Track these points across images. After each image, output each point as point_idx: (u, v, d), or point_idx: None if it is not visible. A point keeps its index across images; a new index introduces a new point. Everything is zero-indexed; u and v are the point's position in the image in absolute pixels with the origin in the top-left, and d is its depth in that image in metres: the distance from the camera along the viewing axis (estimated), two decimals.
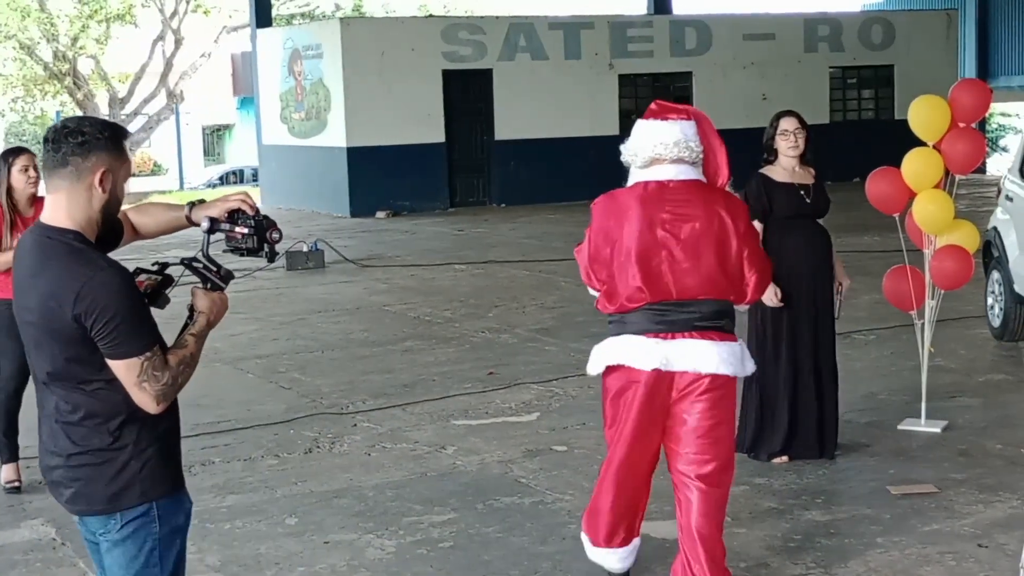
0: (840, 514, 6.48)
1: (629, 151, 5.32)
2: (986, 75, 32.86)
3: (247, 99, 36.78)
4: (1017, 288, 10.33)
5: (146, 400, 3.37)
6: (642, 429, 5.21)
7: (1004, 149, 36.66)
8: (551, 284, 14.81)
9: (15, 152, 7.47)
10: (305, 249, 16.97)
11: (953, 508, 6.53)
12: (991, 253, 10.87)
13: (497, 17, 26.67)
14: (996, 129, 36.49)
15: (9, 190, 7.11)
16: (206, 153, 49.79)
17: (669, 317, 5.14)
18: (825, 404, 7.42)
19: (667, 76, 26.62)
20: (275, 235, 3.56)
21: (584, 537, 5.56)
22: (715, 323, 5.20)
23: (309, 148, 25.50)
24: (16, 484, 7.29)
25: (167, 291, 3.49)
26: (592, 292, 5.41)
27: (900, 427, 8.05)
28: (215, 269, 3.50)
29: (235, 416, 8.91)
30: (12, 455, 7.37)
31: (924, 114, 8.00)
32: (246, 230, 3.53)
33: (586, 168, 25.01)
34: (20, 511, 6.90)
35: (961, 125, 7.99)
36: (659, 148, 5.19)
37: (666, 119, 5.28)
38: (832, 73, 28.17)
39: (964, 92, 8.10)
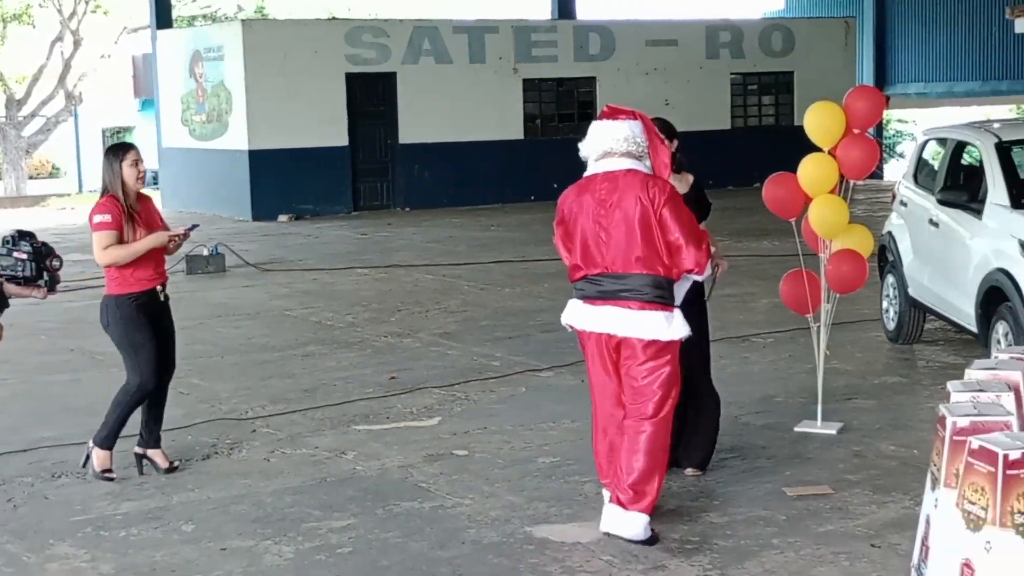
0: (737, 516, 6.50)
1: (585, 148, 6.30)
2: (883, 82, 33.41)
3: (147, 101, 36.33)
4: (911, 292, 10.50)
5: None
6: (598, 378, 6.35)
7: (900, 155, 37.31)
8: (455, 288, 14.81)
9: (124, 147, 7.53)
10: (206, 253, 16.78)
11: (847, 509, 6.58)
12: (886, 257, 11.02)
13: (401, 20, 26.58)
14: (893, 135, 37.08)
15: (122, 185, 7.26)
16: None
17: (602, 287, 6.19)
18: (703, 412, 7.29)
19: (571, 81, 26.75)
20: (55, 263, 3.42)
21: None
22: (638, 294, 6.12)
23: (210, 151, 25.28)
24: (111, 475, 7.47)
25: None
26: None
27: (796, 429, 8.10)
28: None
29: (130, 421, 8.77)
30: (112, 443, 7.56)
31: (819, 120, 8.09)
32: (22, 256, 3.35)
33: (491, 172, 25.15)
34: None
35: (856, 131, 8.11)
36: (611, 143, 6.19)
37: (616, 119, 6.25)
38: (733, 79, 28.48)
39: (858, 99, 8.21)
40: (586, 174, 6.32)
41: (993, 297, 8.73)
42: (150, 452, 7.64)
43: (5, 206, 31.69)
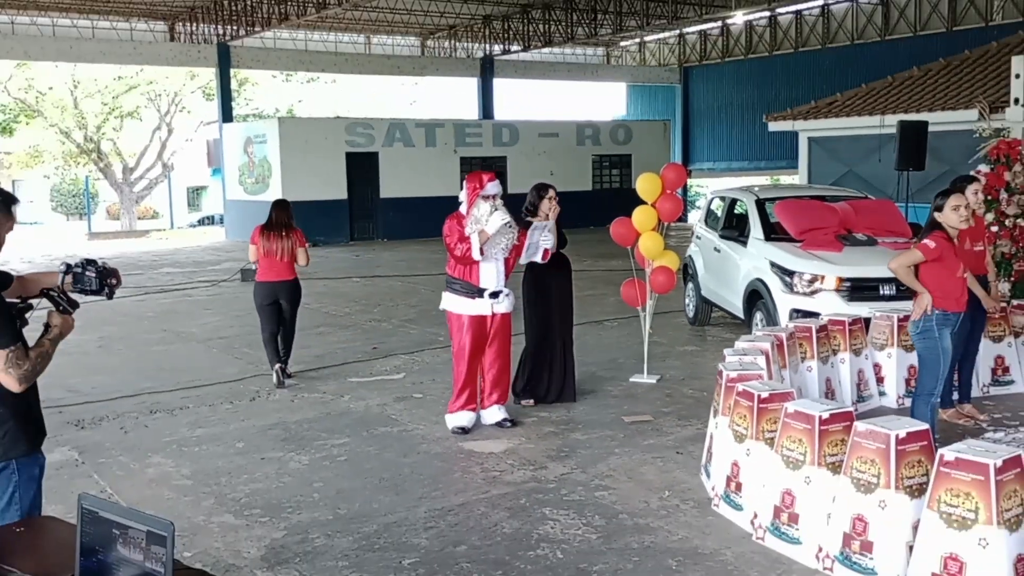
0: (592, 434, 6.53)
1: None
2: (687, 161, 33.74)
3: (216, 169, 35.81)
4: (703, 293, 10.61)
5: (11, 382, 3.11)
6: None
7: (697, 207, 37.74)
8: (415, 291, 14.73)
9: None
10: (254, 268, 16.44)
11: (662, 430, 6.63)
12: (687, 271, 11.07)
13: (381, 118, 26.40)
14: (694, 194, 37.45)
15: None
16: (189, 204, 48.36)
17: None
18: (567, 365, 7.34)
19: (491, 158, 26.63)
20: (112, 280, 3.38)
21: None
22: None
23: (258, 202, 24.80)
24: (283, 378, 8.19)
25: (27, 314, 3.26)
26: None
27: (631, 380, 8.13)
28: (66, 299, 3.28)
29: (203, 377, 8.65)
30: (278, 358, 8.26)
31: (645, 184, 8.15)
32: (92, 274, 3.35)
33: (440, 215, 24.68)
34: (52, 441, 6.59)
35: (668, 191, 8.18)
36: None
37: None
38: (593, 158, 28.52)
39: (670, 171, 8.28)
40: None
41: (753, 296, 8.85)
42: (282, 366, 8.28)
43: (122, 237, 31.08)
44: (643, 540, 4.63)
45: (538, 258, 6.56)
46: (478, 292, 6.47)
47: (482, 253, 6.39)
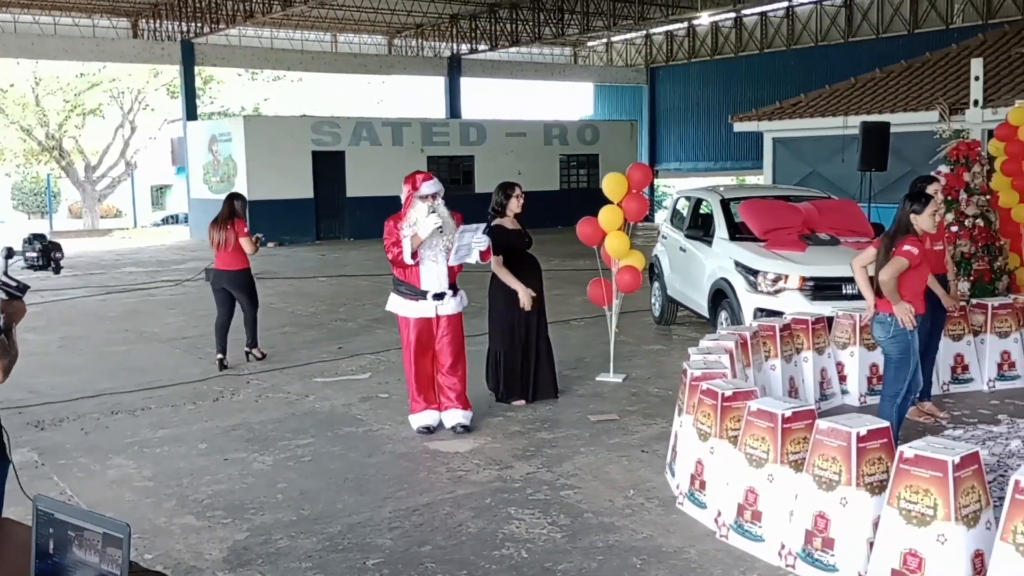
0: (559, 433, 6.53)
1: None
2: (654, 161, 33.89)
3: (181, 168, 35.45)
4: (669, 292, 10.66)
5: None
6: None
7: (664, 207, 37.78)
8: (382, 290, 14.45)
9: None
10: None
11: (628, 428, 6.65)
12: (654, 270, 11.12)
13: (348, 117, 26.23)
14: (661, 194, 37.63)
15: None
16: (153, 203, 47.82)
17: None
18: (541, 366, 7.35)
19: (459, 157, 26.63)
20: (58, 254, 3.34)
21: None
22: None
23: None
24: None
25: None
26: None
27: (597, 378, 8.16)
28: (14, 284, 3.18)
29: (166, 378, 8.55)
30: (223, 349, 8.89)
31: (611, 184, 8.17)
32: (35, 253, 3.30)
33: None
34: (12, 442, 6.48)
35: (634, 191, 8.20)
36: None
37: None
38: (561, 158, 28.59)
39: (635, 171, 8.30)
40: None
41: (718, 295, 8.90)
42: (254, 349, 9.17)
43: (84, 236, 30.68)
44: (608, 539, 4.64)
45: (471, 259, 6.47)
46: (421, 294, 6.41)
47: (415, 256, 6.33)
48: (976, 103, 13.61)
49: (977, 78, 13.46)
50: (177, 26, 26.38)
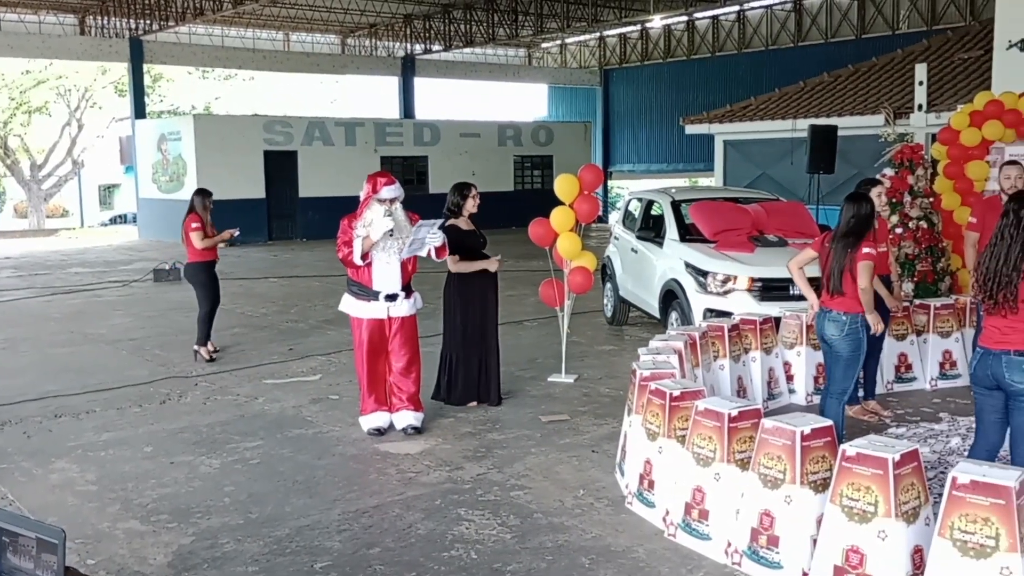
0: (509, 434, 6.53)
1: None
2: (608, 163, 34.09)
3: (129, 167, 34.88)
4: (621, 293, 10.72)
5: None
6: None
7: (617, 208, 37.83)
8: (334, 291, 14.51)
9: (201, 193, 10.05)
10: (167, 267, 16.19)
11: (579, 429, 6.67)
12: (606, 271, 11.18)
13: (300, 116, 26.04)
14: (614, 196, 37.82)
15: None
16: (101, 203, 47.02)
17: None
18: (490, 369, 7.29)
19: (412, 158, 26.54)
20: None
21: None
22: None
23: (171, 200, 24.28)
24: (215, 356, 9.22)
25: None
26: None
27: (549, 379, 8.17)
28: None
29: (111, 380, 8.41)
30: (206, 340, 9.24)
31: (563, 186, 8.19)
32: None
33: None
34: None
35: (586, 192, 8.23)
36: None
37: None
38: (515, 159, 28.63)
39: (587, 172, 8.32)
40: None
41: (669, 296, 8.95)
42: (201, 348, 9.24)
43: (29, 236, 30.09)
44: (557, 539, 4.65)
45: (423, 253, 6.46)
46: (373, 294, 6.38)
47: (365, 257, 6.29)
48: (920, 107, 13.89)
49: (921, 83, 13.74)
50: (125, 23, 25.96)
